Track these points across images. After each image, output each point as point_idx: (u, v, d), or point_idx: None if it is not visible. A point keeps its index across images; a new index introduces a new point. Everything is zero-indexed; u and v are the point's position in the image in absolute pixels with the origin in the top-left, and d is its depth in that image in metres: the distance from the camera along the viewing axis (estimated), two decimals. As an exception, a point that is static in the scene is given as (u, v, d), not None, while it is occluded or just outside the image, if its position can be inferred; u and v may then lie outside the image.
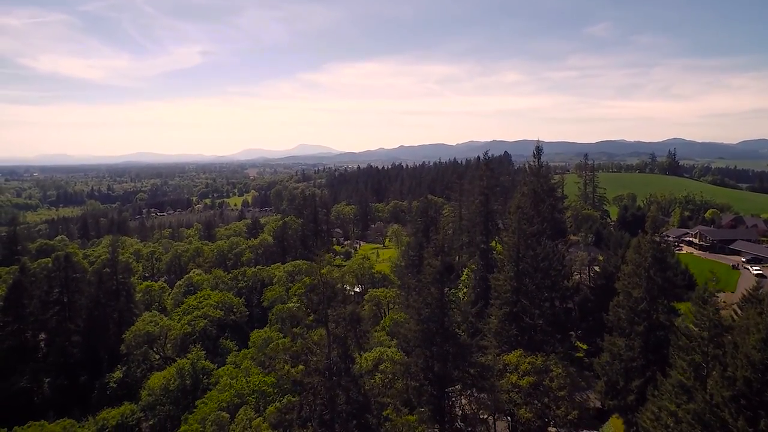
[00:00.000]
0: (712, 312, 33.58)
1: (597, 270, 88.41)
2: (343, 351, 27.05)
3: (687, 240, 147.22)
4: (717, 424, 31.43)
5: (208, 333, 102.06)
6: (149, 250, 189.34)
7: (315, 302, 27.22)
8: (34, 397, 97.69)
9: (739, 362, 30.36)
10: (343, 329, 27.01)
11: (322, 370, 25.56)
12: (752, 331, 30.60)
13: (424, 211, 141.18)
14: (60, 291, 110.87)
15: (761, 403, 29.45)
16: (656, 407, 36.59)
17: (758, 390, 29.64)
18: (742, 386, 30.02)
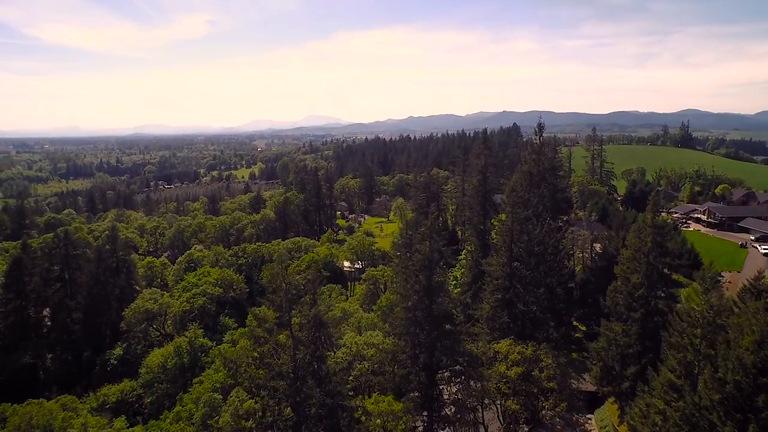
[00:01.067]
0: (707, 310, 31.82)
1: (599, 250, 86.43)
2: (311, 352, 25.90)
3: (695, 217, 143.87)
4: (705, 426, 30.16)
5: (207, 310, 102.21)
6: (153, 225, 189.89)
7: (277, 303, 25.90)
8: (38, 373, 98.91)
9: (731, 364, 28.79)
10: (307, 333, 25.79)
11: (286, 374, 24.48)
12: (746, 332, 28.90)
13: (426, 186, 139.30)
14: (61, 268, 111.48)
15: (751, 408, 28.00)
16: (644, 404, 35.34)
17: (749, 394, 28.14)
18: (732, 389, 28.55)
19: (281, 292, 26.17)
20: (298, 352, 25.48)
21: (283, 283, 26.28)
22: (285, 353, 24.91)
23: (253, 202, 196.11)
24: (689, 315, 32.54)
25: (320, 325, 26.04)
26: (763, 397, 27.32)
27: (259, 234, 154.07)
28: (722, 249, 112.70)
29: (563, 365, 51.32)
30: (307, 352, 25.83)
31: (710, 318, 31.66)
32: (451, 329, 47.98)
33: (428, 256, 46.75)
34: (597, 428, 64.38)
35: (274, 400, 24.87)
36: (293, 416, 25.27)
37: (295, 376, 25.22)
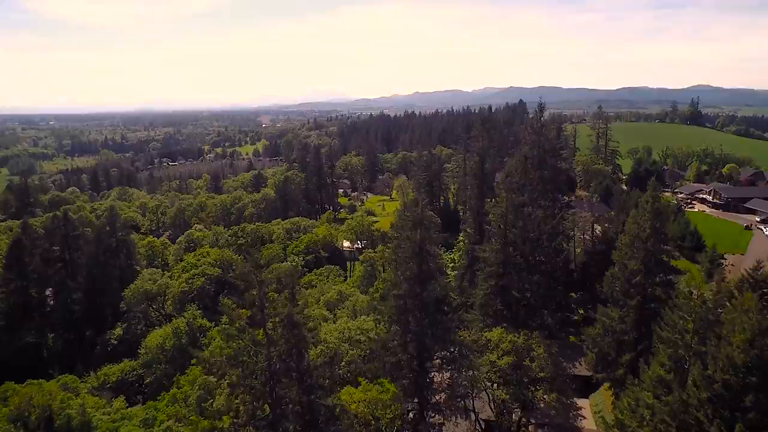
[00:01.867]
0: (699, 305, 30.83)
1: (599, 231, 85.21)
2: (287, 351, 25.30)
3: (700, 197, 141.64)
4: (692, 423, 29.55)
5: (206, 291, 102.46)
6: (155, 203, 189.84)
7: (249, 301, 25.23)
8: (42, 352, 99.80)
9: (721, 362, 27.97)
10: (282, 332, 25.14)
11: (261, 373, 23.97)
12: (738, 329, 27.96)
13: (428, 165, 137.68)
14: (61, 248, 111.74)
15: (738, 407, 27.27)
16: (633, 398, 34.72)
17: (737, 393, 27.38)
18: (720, 388, 27.79)
19: (253, 290, 25.44)
20: (273, 350, 24.88)
21: (256, 281, 25.52)
22: (259, 352, 24.34)
23: (254, 180, 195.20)
24: (682, 309, 31.58)
25: (294, 325, 25.34)
26: (751, 397, 26.58)
27: (260, 213, 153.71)
28: (726, 231, 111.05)
29: (558, 352, 50.64)
30: (283, 350, 25.24)
31: (703, 313, 30.69)
32: (443, 317, 47.36)
33: (418, 243, 45.85)
34: (591, 413, 64.33)
35: (250, 398, 24.43)
36: (270, 414, 24.84)
37: (270, 374, 24.67)
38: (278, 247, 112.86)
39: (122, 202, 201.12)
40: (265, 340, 24.51)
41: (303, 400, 26.02)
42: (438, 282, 46.59)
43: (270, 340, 24.49)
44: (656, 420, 31.50)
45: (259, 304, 24.62)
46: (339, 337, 58.04)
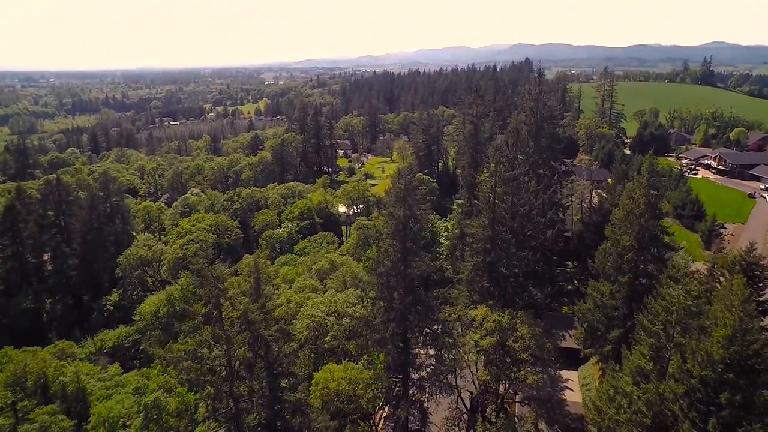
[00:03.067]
0: (683, 295, 29.56)
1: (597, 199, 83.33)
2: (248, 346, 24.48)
3: (705, 163, 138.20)
4: (668, 416, 28.89)
5: (201, 257, 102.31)
6: (153, 166, 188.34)
7: (205, 299, 24.17)
8: (41, 317, 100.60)
9: (699, 357, 26.95)
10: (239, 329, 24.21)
11: (219, 369, 23.24)
12: (719, 325, 26.79)
13: (426, 128, 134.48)
14: (55, 214, 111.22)
15: (714, 404, 26.43)
16: (611, 385, 34.06)
17: (713, 389, 26.49)
18: (697, 383, 26.89)
19: (210, 287, 24.36)
20: (233, 346, 24.05)
21: (211, 278, 24.40)
22: (218, 348, 23.55)
23: (251, 143, 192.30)
24: (665, 299, 30.35)
25: (251, 324, 24.40)
26: (727, 395, 25.71)
27: (257, 176, 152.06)
28: (729, 198, 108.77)
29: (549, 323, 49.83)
30: (243, 346, 24.42)
31: (685, 304, 29.46)
32: (426, 295, 46.51)
33: (402, 220, 44.45)
34: (579, 385, 64.57)
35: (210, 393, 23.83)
36: (232, 408, 24.29)
37: (230, 370, 23.92)
38: (272, 213, 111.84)
39: (120, 164, 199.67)
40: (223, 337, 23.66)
41: (266, 395, 25.38)
42: (422, 259, 45.40)
43: (227, 338, 23.62)
44: (633, 409, 30.88)
45: (214, 301, 23.60)
46: (325, 310, 57.77)
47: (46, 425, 60.33)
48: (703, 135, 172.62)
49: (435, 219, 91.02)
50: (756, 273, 40.10)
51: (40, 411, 63.50)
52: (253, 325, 24.17)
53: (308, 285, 72.80)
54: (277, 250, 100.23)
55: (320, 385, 44.80)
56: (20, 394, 68.36)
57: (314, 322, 56.10)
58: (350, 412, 42.88)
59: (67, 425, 62.29)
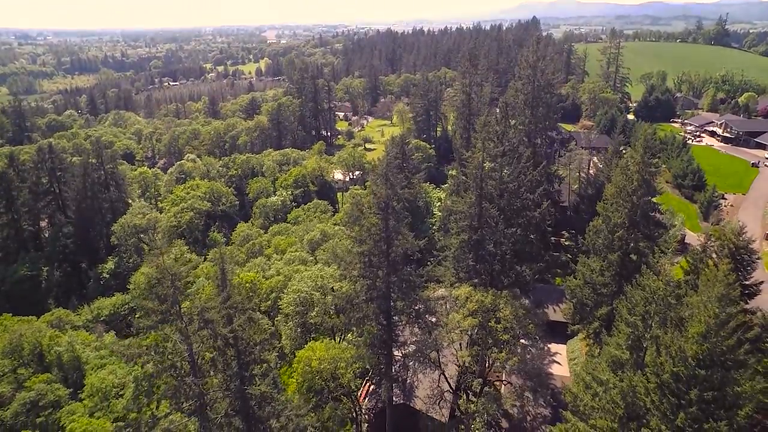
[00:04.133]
0: (662, 287, 28.68)
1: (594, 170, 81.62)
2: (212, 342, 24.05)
3: (710, 130, 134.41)
4: (640, 407, 28.59)
5: (195, 225, 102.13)
6: (150, 130, 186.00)
7: (162, 297, 23.56)
8: (40, 284, 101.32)
9: (673, 352, 26.34)
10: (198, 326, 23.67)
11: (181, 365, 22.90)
12: (694, 321, 26.03)
13: (425, 93, 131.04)
14: (49, 181, 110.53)
15: (684, 399, 25.99)
16: (588, 373, 33.74)
17: (686, 384, 26.01)
18: (669, 378, 26.39)
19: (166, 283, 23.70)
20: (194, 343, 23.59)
21: (167, 274, 23.70)
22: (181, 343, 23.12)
23: (247, 106, 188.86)
24: (645, 289, 29.51)
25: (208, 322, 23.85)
26: (696, 392, 25.23)
27: (254, 142, 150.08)
28: (732, 168, 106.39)
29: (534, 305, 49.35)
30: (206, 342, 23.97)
31: (666, 299, 28.60)
32: (410, 273, 45.93)
33: (384, 198, 43.33)
34: (567, 359, 64.87)
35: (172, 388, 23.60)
36: (197, 401, 24.10)
37: (192, 365, 23.56)
38: (267, 181, 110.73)
39: (117, 128, 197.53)
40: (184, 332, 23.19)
41: (231, 387, 25.14)
42: (405, 238, 44.54)
43: (185, 335, 23.15)
44: (606, 399, 30.60)
45: (171, 299, 22.99)
46: (312, 285, 57.55)
47: (43, 393, 61.57)
48: (711, 99, 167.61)
49: (429, 188, 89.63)
50: (744, 256, 39.06)
51: (36, 379, 64.65)
52: (211, 323, 23.64)
53: (298, 257, 72.52)
54: (271, 218, 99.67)
55: (302, 363, 44.98)
56: (18, 361, 69.63)
57: (300, 297, 56.07)
58: (332, 389, 43.15)
59: (62, 393, 63.49)
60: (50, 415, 59.10)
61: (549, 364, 64.32)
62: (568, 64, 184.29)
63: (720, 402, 25.72)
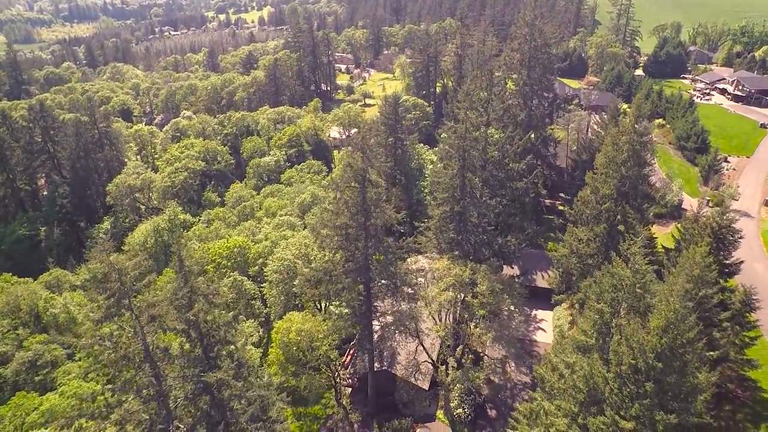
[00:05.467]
0: (630, 276, 27.93)
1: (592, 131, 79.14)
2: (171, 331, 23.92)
3: (721, 88, 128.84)
4: (600, 392, 28.58)
5: (190, 185, 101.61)
6: (147, 84, 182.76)
7: (109, 293, 23.22)
8: (39, 244, 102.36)
9: (634, 343, 25.94)
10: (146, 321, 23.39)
11: (133, 356, 22.88)
12: (657, 314, 25.43)
13: (424, 48, 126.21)
14: (43, 140, 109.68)
15: (641, 390, 25.83)
16: (556, 354, 33.65)
17: (645, 376, 25.77)
18: (626, 369, 26.14)
19: (113, 280, 23.33)
20: (148, 333, 23.47)
21: (112, 270, 23.27)
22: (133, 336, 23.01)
23: (244, 61, 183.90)
24: (614, 277, 28.80)
25: (154, 318, 23.58)
26: (651, 384, 24.99)
27: (251, 98, 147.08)
28: (739, 129, 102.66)
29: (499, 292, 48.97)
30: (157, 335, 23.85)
31: (632, 284, 27.90)
32: (389, 245, 45.46)
33: (360, 171, 42.26)
34: (553, 325, 65.09)
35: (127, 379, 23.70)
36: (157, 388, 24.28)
37: (146, 356, 23.55)
38: (261, 140, 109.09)
39: (115, 82, 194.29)
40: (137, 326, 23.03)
41: (187, 375, 25.25)
42: (383, 210, 43.79)
43: (136, 328, 22.99)
44: (569, 383, 30.61)
45: (118, 294, 22.69)
46: (296, 253, 57.46)
47: (40, 353, 63.32)
48: (727, 53, 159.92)
49: (423, 150, 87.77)
50: (726, 236, 38.02)
51: (33, 339, 66.34)
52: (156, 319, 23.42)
53: (286, 221, 72.23)
54: (265, 179, 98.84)
55: (280, 333, 45.48)
56: (17, 321, 71.32)
57: (284, 265, 56.11)
58: (309, 360, 43.70)
59: (59, 354, 65.26)
60: (48, 374, 61.13)
61: (534, 330, 64.79)
62: (577, 16, 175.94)
63: (675, 393, 25.54)
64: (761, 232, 70.94)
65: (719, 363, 41.38)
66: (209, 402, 26.94)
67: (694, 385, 25.38)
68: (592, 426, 27.62)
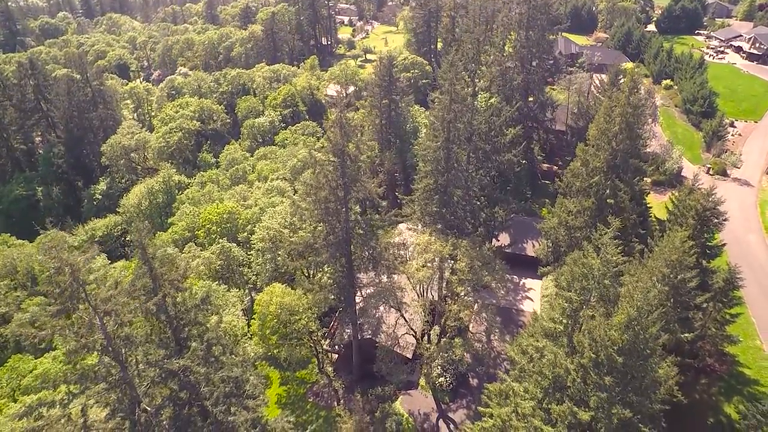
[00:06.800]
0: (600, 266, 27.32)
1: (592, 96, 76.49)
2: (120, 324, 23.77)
3: (737, 45, 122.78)
4: (564, 380, 28.68)
5: (184, 146, 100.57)
6: (144, 38, 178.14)
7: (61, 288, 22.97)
8: (37, 204, 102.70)
9: (597, 336, 25.69)
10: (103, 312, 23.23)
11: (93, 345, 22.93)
12: (621, 310, 24.99)
13: (425, 2, 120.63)
14: (35, 99, 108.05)
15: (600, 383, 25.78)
16: (527, 337, 33.64)
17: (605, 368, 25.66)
18: (587, 362, 26.01)
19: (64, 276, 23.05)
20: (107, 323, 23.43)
21: (63, 266, 22.98)
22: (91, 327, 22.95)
23: (241, 15, 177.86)
24: (585, 267, 28.20)
25: (107, 314, 23.41)
26: (610, 379, 24.88)
27: (248, 53, 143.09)
28: (750, 91, 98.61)
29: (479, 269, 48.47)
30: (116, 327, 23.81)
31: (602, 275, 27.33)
32: (370, 219, 45.00)
33: (339, 146, 41.24)
34: (540, 295, 65.21)
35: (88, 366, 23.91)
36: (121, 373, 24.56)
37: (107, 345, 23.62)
38: (256, 100, 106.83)
39: (111, 35, 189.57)
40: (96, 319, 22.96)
41: (151, 361, 25.49)
42: (363, 185, 43.06)
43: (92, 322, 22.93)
44: (535, 369, 30.71)
45: (69, 293, 22.50)
46: (282, 222, 57.13)
47: (37, 316, 64.58)
48: (749, 5, 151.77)
49: (418, 112, 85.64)
50: (710, 219, 37.01)
51: (30, 302, 67.74)
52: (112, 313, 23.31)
53: (276, 187, 71.52)
54: (259, 140, 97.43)
55: (261, 306, 45.85)
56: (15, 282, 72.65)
57: (270, 234, 55.94)
58: (288, 333, 44.19)
59: (55, 316, 66.61)
60: (45, 336, 62.61)
61: (521, 300, 65.05)
62: None
63: (635, 387, 25.49)
64: (759, 202, 69.39)
65: (697, 341, 41.41)
66: (177, 384, 27.33)
67: (654, 379, 25.24)
68: (554, 413, 27.83)
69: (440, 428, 47.85)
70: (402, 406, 49.66)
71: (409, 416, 48.73)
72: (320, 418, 50.32)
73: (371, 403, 47.71)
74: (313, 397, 52.28)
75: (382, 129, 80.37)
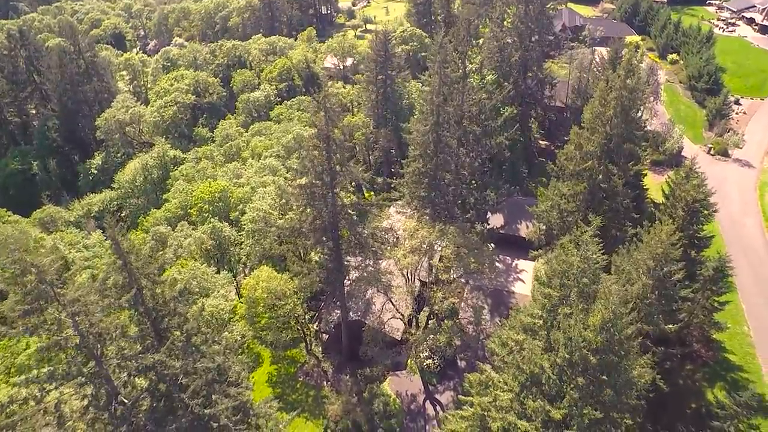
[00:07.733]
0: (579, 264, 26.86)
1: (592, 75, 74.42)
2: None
3: (749, 17, 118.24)
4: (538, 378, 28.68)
5: (179, 120, 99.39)
6: (139, 6, 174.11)
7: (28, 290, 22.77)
8: (33, 178, 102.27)
9: (573, 334, 25.48)
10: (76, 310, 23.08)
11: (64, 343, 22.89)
12: (596, 310, 24.65)
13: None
14: (27, 71, 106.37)
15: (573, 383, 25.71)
16: (506, 331, 33.55)
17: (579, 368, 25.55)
18: (563, 362, 25.88)
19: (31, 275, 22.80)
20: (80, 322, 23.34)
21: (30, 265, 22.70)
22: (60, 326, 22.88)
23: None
24: (565, 263, 27.74)
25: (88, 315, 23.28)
26: (582, 380, 24.79)
27: (246, 23, 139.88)
28: (758, 66, 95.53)
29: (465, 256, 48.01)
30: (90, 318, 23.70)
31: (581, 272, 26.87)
32: (357, 203, 44.51)
33: (324, 131, 40.37)
34: (533, 277, 64.96)
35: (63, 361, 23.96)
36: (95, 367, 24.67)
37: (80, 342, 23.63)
38: (252, 74, 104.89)
39: (106, 2, 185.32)
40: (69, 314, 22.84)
41: (127, 355, 25.58)
42: (349, 169, 42.38)
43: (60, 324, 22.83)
44: (514, 364, 30.71)
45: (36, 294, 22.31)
46: (271, 203, 56.69)
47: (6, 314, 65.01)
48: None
49: (414, 88, 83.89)
50: (700, 209, 36.28)
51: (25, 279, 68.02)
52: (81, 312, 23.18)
53: (269, 165, 70.69)
54: (254, 115, 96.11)
55: (247, 290, 45.91)
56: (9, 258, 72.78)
57: (259, 215, 55.59)
58: (274, 317, 44.35)
59: (50, 292, 67.09)
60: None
61: (513, 282, 64.87)
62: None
63: (609, 385, 25.41)
64: (759, 185, 68.18)
65: (683, 329, 41.29)
66: (156, 376, 27.51)
67: (628, 380, 25.14)
68: (529, 408, 27.91)
69: (426, 410, 48.52)
70: (390, 387, 50.21)
71: (396, 397, 49.32)
72: (309, 398, 51.03)
73: (359, 383, 48.25)
74: (303, 376, 52.87)
75: (378, 105, 78.96)
